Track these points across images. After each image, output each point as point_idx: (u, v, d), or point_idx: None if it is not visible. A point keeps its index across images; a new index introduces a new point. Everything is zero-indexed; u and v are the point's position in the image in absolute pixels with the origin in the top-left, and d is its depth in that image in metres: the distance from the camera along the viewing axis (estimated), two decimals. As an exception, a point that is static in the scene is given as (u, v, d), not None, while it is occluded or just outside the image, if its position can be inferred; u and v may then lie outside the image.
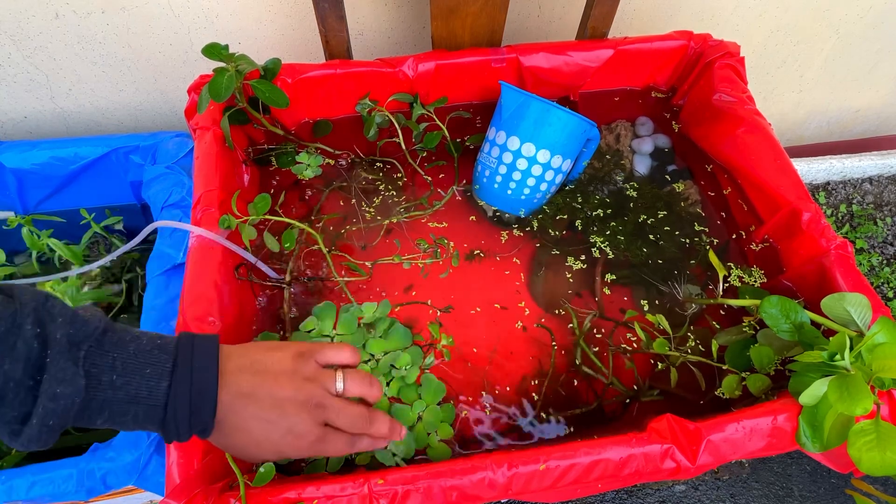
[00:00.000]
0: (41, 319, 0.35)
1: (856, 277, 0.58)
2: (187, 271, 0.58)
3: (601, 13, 0.76)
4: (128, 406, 0.37)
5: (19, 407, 0.33)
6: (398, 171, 0.78)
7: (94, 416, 0.37)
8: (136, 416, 0.38)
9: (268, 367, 0.43)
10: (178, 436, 0.39)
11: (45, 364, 0.34)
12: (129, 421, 0.38)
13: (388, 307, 0.65)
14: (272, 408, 0.41)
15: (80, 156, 0.77)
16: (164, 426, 0.38)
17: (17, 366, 0.33)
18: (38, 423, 0.34)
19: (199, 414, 0.39)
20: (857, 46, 1.11)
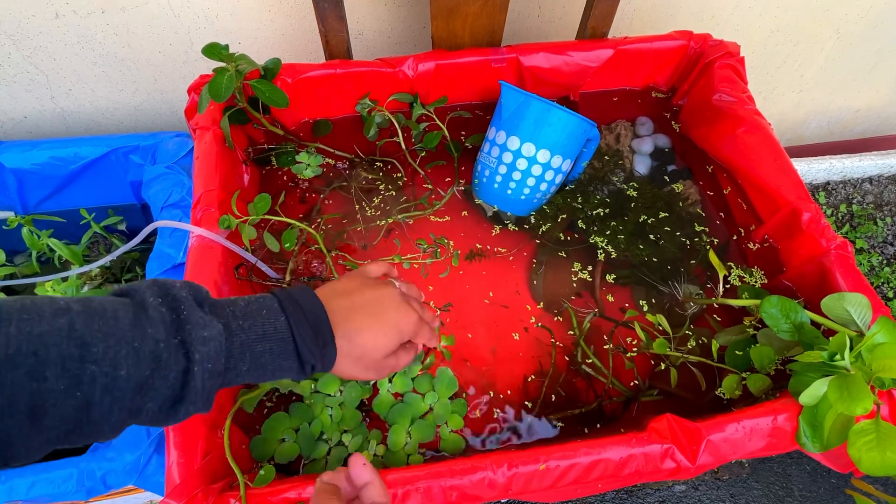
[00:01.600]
0: (161, 293, 0.36)
1: (856, 277, 0.58)
2: (187, 271, 0.58)
3: (601, 13, 0.76)
4: (262, 344, 0.39)
5: (175, 366, 0.35)
6: (398, 171, 0.78)
7: (239, 362, 0.38)
8: (273, 353, 0.40)
9: (345, 286, 0.48)
10: (312, 361, 0.42)
11: (182, 319, 0.36)
12: (268, 361, 0.40)
13: (388, 307, 0.65)
14: (374, 304, 0.47)
15: (80, 156, 0.77)
16: (299, 355, 0.41)
17: (159, 328, 0.34)
18: (199, 372, 0.35)
19: (321, 332, 0.43)
20: (857, 46, 1.11)
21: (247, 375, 0.40)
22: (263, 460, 0.55)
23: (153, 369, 0.33)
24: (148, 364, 0.33)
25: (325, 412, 0.58)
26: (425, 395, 0.60)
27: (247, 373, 0.39)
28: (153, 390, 0.34)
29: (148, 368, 0.33)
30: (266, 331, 0.40)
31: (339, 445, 0.57)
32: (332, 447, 0.57)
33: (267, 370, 0.40)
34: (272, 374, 0.41)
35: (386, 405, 0.59)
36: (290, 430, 0.57)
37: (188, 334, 0.35)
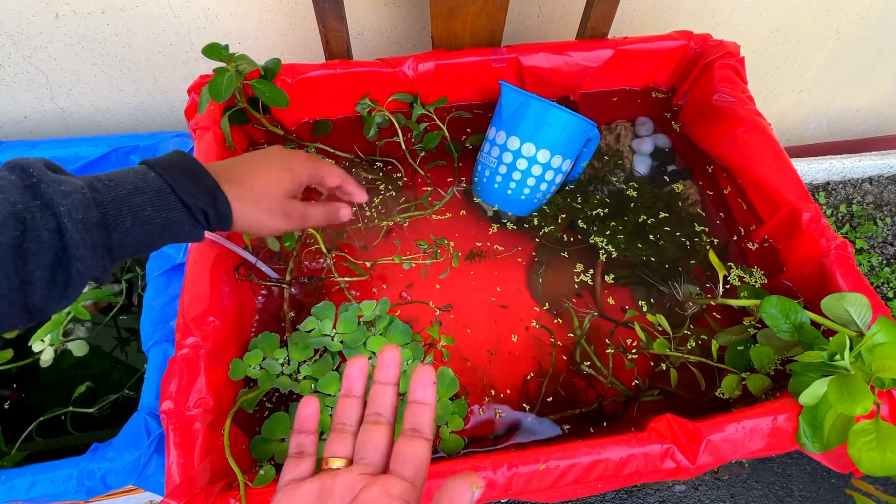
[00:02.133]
0: (10, 166, 0.36)
1: (856, 277, 0.58)
2: (187, 271, 0.58)
3: (601, 13, 0.76)
4: (138, 196, 0.39)
5: (44, 225, 0.34)
6: (398, 171, 0.78)
7: (118, 217, 0.38)
8: (154, 205, 0.39)
9: None
10: (202, 206, 0.42)
11: (35, 181, 0.35)
12: (153, 214, 0.39)
13: (388, 305, 0.65)
14: (257, 154, 0.49)
15: (80, 156, 0.77)
16: (184, 203, 0.41)
17: (11, 192, 0.34)
18: (70, 224, 0.35)
19: (200, 178, 0.42)
20: (857, 46, 1.11)
21: (137, 233, 0.39)
22: (263, 460, 0.55)
23: (22, 231, 0.33)
24: (12, 226, 0.33)
25: (325, 412, 0.58)
26: (425, 395, 0.60)
27: (134, 229, 0.39)
28: (31, 255, 0.34)
29: (16, 230, 0.33)
30: (137, 184, 0.39)
31: (339, 445, 0.57)
32: (332, 447, 0.57)
33: (156, 225, 0.40)
34: (165, 229, 0.40)
35: (386, 405, 0.59)
36: (290, 430, 0.57)
37: (45, 193, 0.35)
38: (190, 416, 0.50)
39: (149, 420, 0.57)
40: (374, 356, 0.62)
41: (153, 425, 0.57)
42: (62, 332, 0.76)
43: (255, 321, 0.65)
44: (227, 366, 0.57)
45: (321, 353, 0.62)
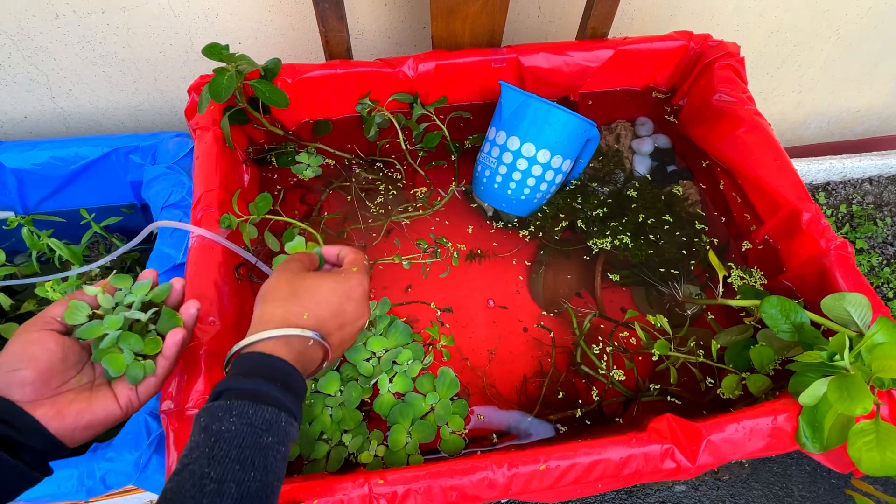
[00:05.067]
0: None
1: (856, 277, 0.58)
2: (187, 271, 0.58)
3: (601, 13, 0.76)
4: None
5: None
6: (398, 171, 0.78)
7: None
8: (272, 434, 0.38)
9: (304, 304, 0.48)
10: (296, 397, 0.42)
11: None
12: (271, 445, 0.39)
13: (388, 305, 0.65)
14: (341, 317, 0.49)
15: (80, 156, 0.77)
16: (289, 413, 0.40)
17: None
18: None
19: (292, 387, 0.42)
20: (857, 46, 1.11)
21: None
22: (263, 460, 0.55)
23: None
24: None
25: (325, 412, 0.58)
26: (426, 396, 0.60)
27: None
28: None
29: None
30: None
31: (339, 445, 0.57)
32: (332, 447, 0.57)
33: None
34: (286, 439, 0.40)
35: (387, 405, 0.59)
36: (290, 430, 0.57)
37: None
38: (190, 415, 0.50)
39: (149, 420, 0.57)
40: (374, 356, 0.62)
41: (153, 425, 0.57)
42: (62, 332, 0.76)
43: (255, 321, 0.65)
44: (227, 366, 0.57)
45: (321, 353, 0.62)
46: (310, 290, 0.47)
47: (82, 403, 0.42)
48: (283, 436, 0.38)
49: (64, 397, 0.41)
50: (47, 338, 0.42)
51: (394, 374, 0.61)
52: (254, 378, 0.39)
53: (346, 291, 0.49)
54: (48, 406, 0.40)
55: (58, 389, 0.42)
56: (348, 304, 0.49)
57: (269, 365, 0.41)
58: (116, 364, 0.43)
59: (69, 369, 0.43)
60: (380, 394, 0.60)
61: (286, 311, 0.45)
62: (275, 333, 0.42)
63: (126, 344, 0.44)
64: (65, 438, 0.41)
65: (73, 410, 0.41)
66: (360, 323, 0.51)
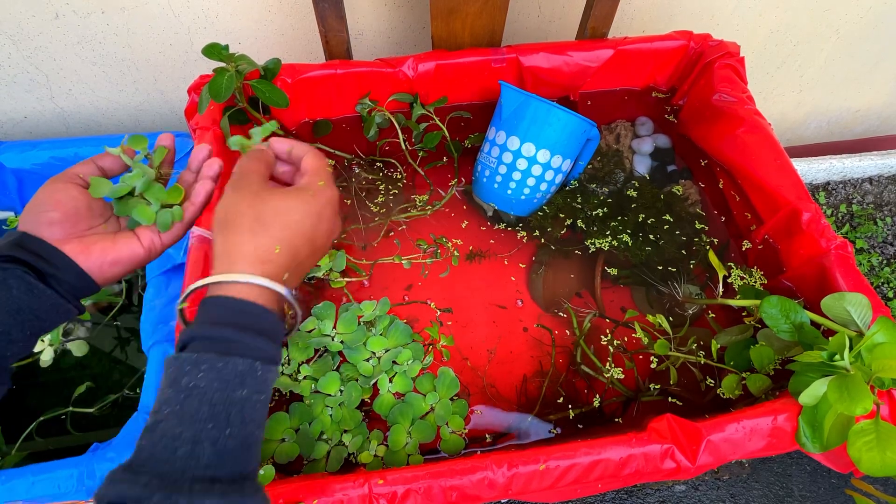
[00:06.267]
0: None
1: (856, 277, 0.58)
2: (187, 271, 0.58)
3: (601, 13, 0.76)
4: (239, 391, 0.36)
5: None
6: (398, 171, 0.78)
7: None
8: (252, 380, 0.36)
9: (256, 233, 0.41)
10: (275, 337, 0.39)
11: None
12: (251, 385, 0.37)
13: (388, 305, 0.65)
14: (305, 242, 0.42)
15: (80, 156, 0.77)
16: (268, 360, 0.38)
17: None
18: None
19: (264, 330, 0.38)
20: (857, 46, 1.11)
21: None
22: (263, 460, 0.55)
23: None
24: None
25: (325, 412, 0.58)
26: (426, 396, 0.60)
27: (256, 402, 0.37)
28: None
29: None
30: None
31: (339, 445, 0.57)
32: (332, 447, 0.57)
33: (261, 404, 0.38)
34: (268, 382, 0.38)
35: (387, 405, 0.59)
36: (290, 430, 0.57)
37: None
38: (190, 416, 0.50)
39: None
40: (374, 356, 0.62)
41: (153, 425, 0.57)
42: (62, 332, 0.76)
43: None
44: (227, 366, 0.57)
45: (321, 353, 0.62)
46: (279, 215, 0.41)
47: (107, 243, 0.44)
48: (259, 384, 0.36)
49: (89, 238, 0.44)
50: (71, 188, 0.44)
51: (394, 374, 0.61)
52: (223, 327, 0.36)
53: (318, 213, 0.43)
54: (75, 243, 0.42)
55: (84, 232, 0.44)
56: (321, 225, 0.43)
57: (239, 310, 0.37)
58: (146, 214, 0.45)
59: (94, 217, 0.45)
60: (380, 394, 0.60)
61: (255, 245, 0.39)
62: (243, 279, 0.38)
63: (150, 195, 0.46)
64: (93, 274, 0.43)
65: (98, 248, 0.43)
66: (330, 241, 0.46)
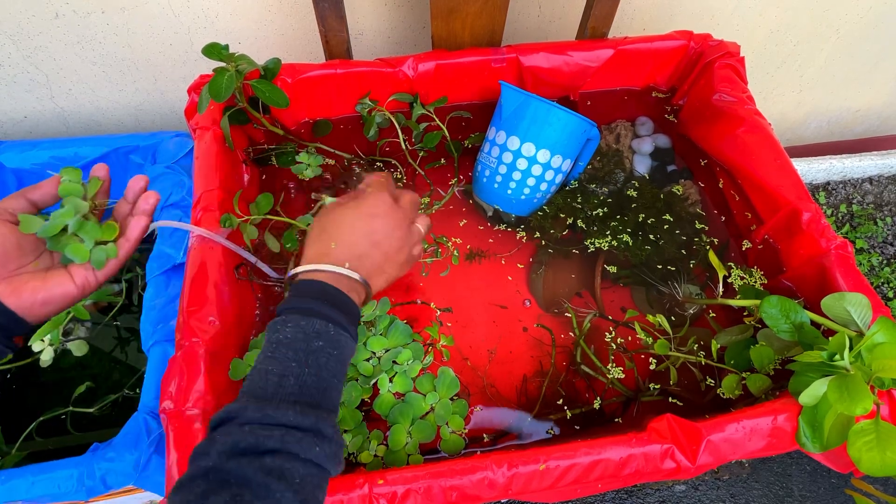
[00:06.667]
0: None
1: (856, 277, 0.58)
2: (187, 271, 0.58)
3: (601, 13, 0.76)
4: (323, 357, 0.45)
5: None
6: (398, 171, 0.78)
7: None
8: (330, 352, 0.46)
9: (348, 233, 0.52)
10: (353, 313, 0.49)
11: None
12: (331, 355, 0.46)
13: (388, 305, 0.65)
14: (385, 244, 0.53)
15: (80, 156, 0.76)
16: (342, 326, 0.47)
17: None
18: None
19: (345, 306, 0.48)
20: (857, 46, 1.11)
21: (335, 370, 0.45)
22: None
23: None
24: None
25: (325, 412, 0.58)
26: (426, 395, 0.60)
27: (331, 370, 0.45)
28: None
29: None
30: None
31: (339, 445, 0.57)
32: (332, 447, 0.57)
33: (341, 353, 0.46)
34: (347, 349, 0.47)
35: (387, 405, 0.59)
36: (290, 430, 0.57)
37: None
38: (190, 415, 0.50)
39: (149, 420, 0.57)
40: (374, 356, 0.62)
41: (153, 425, 0.57)
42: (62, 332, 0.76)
43: (255, 321, 0.65)
44: (227, 366, 0.57)
45: (321, 353, 0.62)
46: (335, 221, 0.51)
47: (38, 282, 0.45)
48: (332, 341, 0.45)
49: (20, 278, 0.44)
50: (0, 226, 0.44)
51: (394, 373, 0.61)
52: (304, 298, 0.46)
53: (366, 213, 0.52)
54: (4, 285, 0.43)
55: (14, 272, 0.44)
56: (374, 221, 0.52)
57: (317, 288, 0.47)
58: (79, 252, 0.45)
59: (25, 255, 0.45)
60: (380, 394, 0.60)
61: (317, 248, 0.50)
62: (311, 268, 0.48)
63: (83, 233, 0.46)
64: (24, 314, 0.44)
65: (28, 288, 0.44)
66: (400, 232, 0.53)
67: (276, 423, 0.39)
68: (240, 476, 0.36)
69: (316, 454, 0.40)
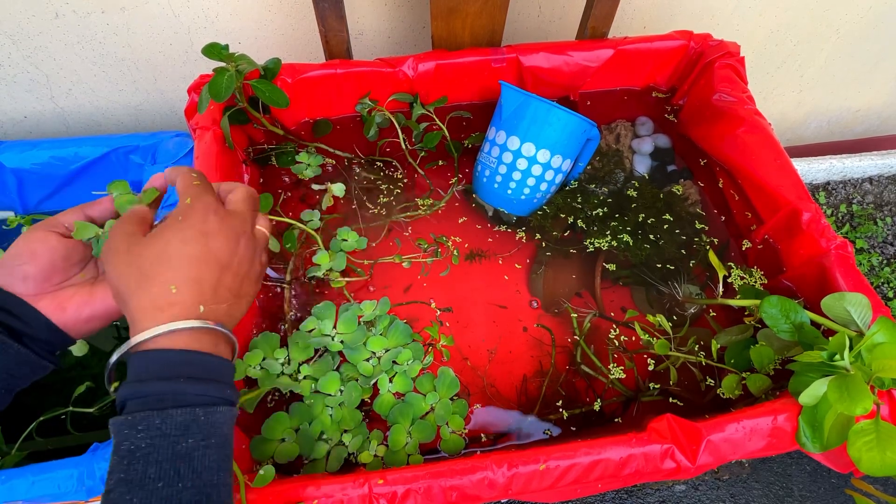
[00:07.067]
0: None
1: (856, 277, 0.58)
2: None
3: (601, 13, 0.76)
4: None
5: None
6: (398, 171, 0.78)
7: None
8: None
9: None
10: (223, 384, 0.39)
11: None
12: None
13: (388, 305, 0.65)
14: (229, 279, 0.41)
15: (80, 156, 0.77)
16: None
17: None
18: None
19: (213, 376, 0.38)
20: (857, 46, 1.11)
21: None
22: (263, 460, 0.55)
23: None
24: None
25: (325, 412, 0.58)
26: (426, 395, 0.60)
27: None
28: None
29: None
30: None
31: (339, 445, 0.57)
32: (332, 447, 0.57)
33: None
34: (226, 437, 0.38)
35: (387, 405, 0.59)
36: (290, 430, 0.57)
37: None
38: (190, 416, 0.50)
39: (149, 420, 0.57)
40: (374, 356, 0.62)
41: (153, 425, 0.57)
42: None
43: (255, 321, 0.65)
44: (227, 366, 0.57)
45: (321, 353, 0.62)
46: (160, 257, 0.38)
47: (83, 297, 0.42)
48: (203, 430, 0.35)
49: (65, 292, 0.42)
50: (50, 237, 0.42)
51: (394, 373, 0.61)
52: (151, 381, 0.35)
53: (196, 233, 0.39)
54: (49, 299, 0.41)
55: (60, 285, 0.42)
56: (210, 241, 0.39)
57: (165, 361, 0.36)
58: None
59: (71, 267, 0.43)
60: (380, 394, 0.60)
61: (150, 298, 0.37)
62: (149, 335, 0.36)
63: None
64: (69, 330, 0.42)
65: (73, 304, 0.42)
66: (244, 244, 0.41)
67: None
68: None
69: None
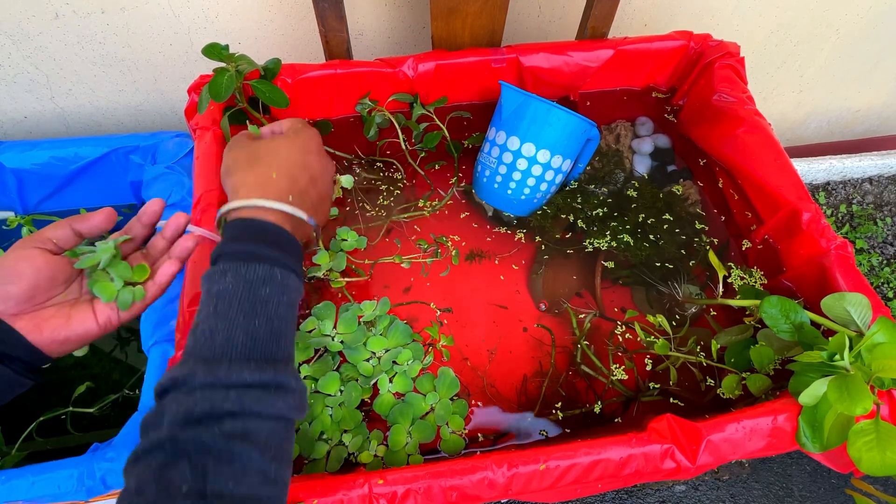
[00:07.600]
0: None
1: (856, 277, 0.58)
2: (187, 271, 0.58)
3: (601, 13, 0.76)
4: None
5: None
6: (398, 171, 0.78)
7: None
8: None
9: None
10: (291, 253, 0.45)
11: None
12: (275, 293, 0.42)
13: (388, 305, 0.65)
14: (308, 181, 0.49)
15: (80, 156, 0.77)
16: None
17: None
18: None
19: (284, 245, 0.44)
20: (857, 46, 1.11)
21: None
22: (263, 460, 0.55)
23: None
24: None
25: (325, 412, 0.58)
26: (426, 395, 0.60)
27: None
28: None
29: None
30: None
31: (339, 445, 0.57)
32: (332, 447, 0.57)
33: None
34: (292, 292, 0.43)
35: (387, 405, 0.59)
36: (290, 430, 0.57)
37: None
38: (190, 416, 0.50)
39: (149, 420, 0.57)
40: (374, 356, 0.62)
41: (153, 425, 0.57)
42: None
43: (255, 321, 0.65)
44: (227, 366, 0.57)
45: (321, 354, 0.62)
46: (270, 152, 0.48)
47: (61, 320, 0.43)
48: (279, 286, 0.41)
49: (44, 312, 0.43)
50: (37, 256, 0.43)
51: (394, 374, 0.61)
52: (244, 241, 0.42)
53: (302, 145, 0.49)
54: (27, 320, 0.42)
55: (41, 304, 0.43)
56: (309, 156, 0.49)
57: (256, 227, 0.43)
58: (107, 291, 0.44)
59: (56, 287, 0.44)
60: (380, 394, 0.60)
61: (255, 175, 0.46)
62: (249, 203, 0.44)
63: (115, 271, 0.45)
64: (45, 349, 0.42)
65: (50, 326, 0.43)
66: (329, 175, 0.52)
67: (231, 384, 0.36)
68: (198, 444, 0.34)
69: (279, 408, 0.38)
